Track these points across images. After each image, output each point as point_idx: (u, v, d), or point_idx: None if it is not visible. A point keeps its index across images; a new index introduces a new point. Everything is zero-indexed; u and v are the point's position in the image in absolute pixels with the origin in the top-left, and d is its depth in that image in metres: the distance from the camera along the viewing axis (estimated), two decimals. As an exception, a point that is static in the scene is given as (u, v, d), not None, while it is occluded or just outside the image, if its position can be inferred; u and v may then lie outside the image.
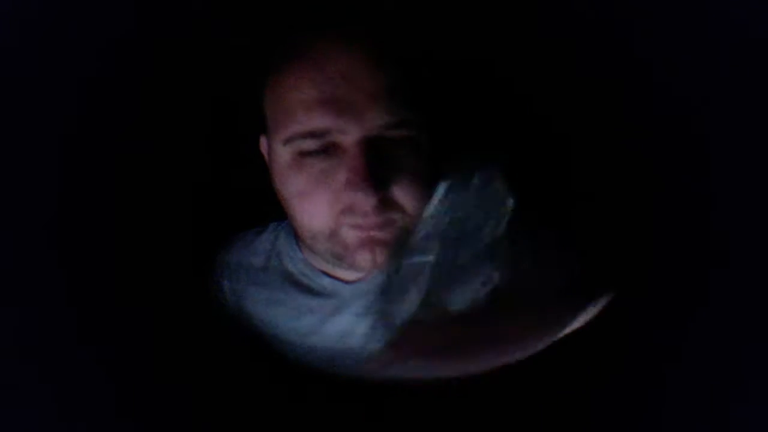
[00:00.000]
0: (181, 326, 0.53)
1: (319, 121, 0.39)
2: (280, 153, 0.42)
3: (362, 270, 0.45)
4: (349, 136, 0.39)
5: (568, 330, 0.53)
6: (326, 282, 0.51)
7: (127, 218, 0.54)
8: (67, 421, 0.44)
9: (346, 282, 0.50)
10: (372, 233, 0.41)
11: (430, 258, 0.38)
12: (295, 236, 0.53)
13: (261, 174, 0.49)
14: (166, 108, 0.58)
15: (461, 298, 0.36)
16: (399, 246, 0.44)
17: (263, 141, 0.49)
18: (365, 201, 0.39)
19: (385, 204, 0.40)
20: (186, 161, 0.61)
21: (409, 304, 0.37)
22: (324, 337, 0.51)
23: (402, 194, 0.41)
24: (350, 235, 0.42)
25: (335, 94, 0.38)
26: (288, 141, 0.41)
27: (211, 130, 0.63)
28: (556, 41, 0.57)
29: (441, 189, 0.40)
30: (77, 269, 0.49)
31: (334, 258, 0.44)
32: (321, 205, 0.41)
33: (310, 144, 0.40)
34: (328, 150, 0.40)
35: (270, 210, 0.57)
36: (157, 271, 0.54)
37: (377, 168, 0.39)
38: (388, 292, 0.39)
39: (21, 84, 0.49)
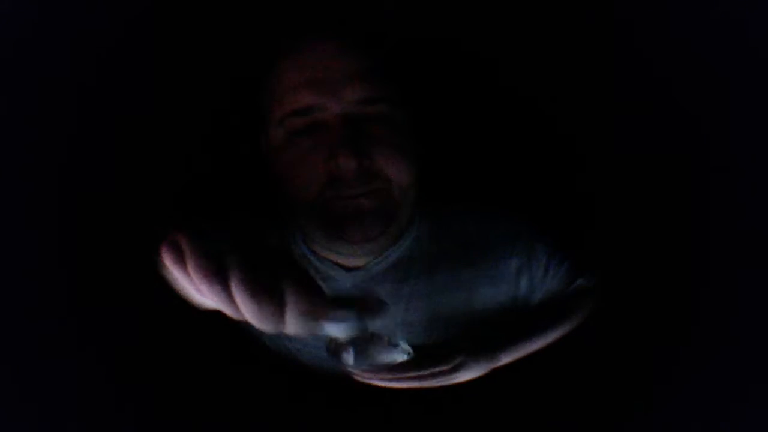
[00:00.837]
0: (178, 322, 0.53)
1: (303, 100, 0.44)
2: (275, 135, 0.47)
3: (352, 242, 0.46)
4: (330, 112, 0.44)
5: (562, 332, 0.54)
6: (327, 266, 0.52)
7: (124, 221, 0.54)
8: (67, 421, 0.44)
9: (346, 268, 0.52)
10: (358, 201, 0.44)
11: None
12: (295, 223, 0.55)
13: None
14: (170, 103, 0.58)
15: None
16: (388, 217, 0.46)
17: (263, 139, 0.52)
18: (347, 165, 0.43)
19: (369, 173, 0.44)
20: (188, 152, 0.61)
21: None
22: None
23: (384, 163, 0.45)
24: (338, 206, 0.45)
25: (316, 77, 0.44)
26: (280, 121, 0.46)
27: (213, 124, 0.63)
28: (548, 34, 0.57)
29: None
30: (73, 269, 0.49)
31: (327, 236, 0.47)
32: (308, 178, 0.45)
33: (298, 122, 0.45)
34: (314, 129, 0.45)
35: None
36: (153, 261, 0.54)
37: (356, 138, 0.43)
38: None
39: (22, 80, 0.49)
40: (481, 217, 0.55)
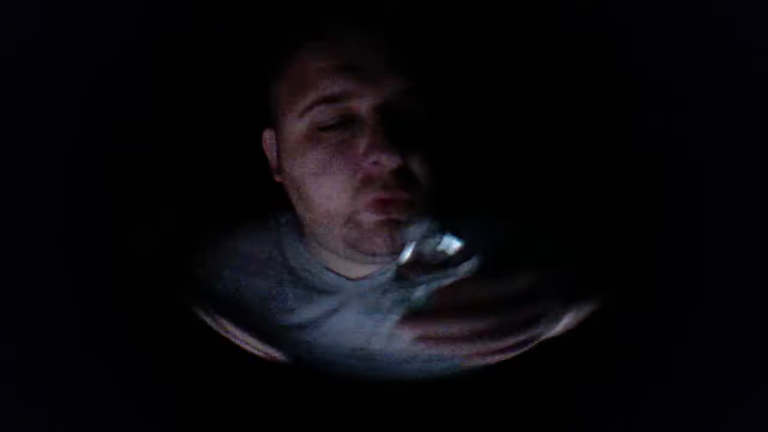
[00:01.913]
0: (177, 320, 0.53)
1: (338, 85, 0.40)
2: (295, 130, 0.42)
3: (376, 254, 0.42)
4: (366, 101, 0.40)
5: (562, 329, 0.53)
6: (330, 277, 0.50)
7: (129, 205, 0.54)
8: (67, 421, 0.44)
9: (350, 279, 0.50)
10: (391, 216, 0.40)
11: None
12: (300, 231, 0.53)
13: (263, 167, 0.50)
14: (169, 98, 0.58)
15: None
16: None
17: (266, 134, 0.49)
18: (388, 162, 0.38)
19: (404, 175, 0.40)
20: (190, 148, 0.61)
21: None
22: (326, 333, 0.51)
23: (418, 166, 0.41)
24: (369, 219, 0.40)
25: (353, 62, 0.40)
26: (306, 111, 0.41)
27: (215, 119, 0.62)
28: (557, 39, 0.57)
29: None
30: (73, 268, 0.49)
31: (347, 246, 0.43)
32: (339, 179, 0.40)
33: (327, 114, 0.40)
34: (345, 122, 0.40)
35: (273, 202, 0.56)
36: (154, 266, 0.54)
37: (397, 131, 0.39)
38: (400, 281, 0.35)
39: (23, 79, 0.49)
40: (487, 222, 0.53)
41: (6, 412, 0.43)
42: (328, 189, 0.41)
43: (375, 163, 0.39)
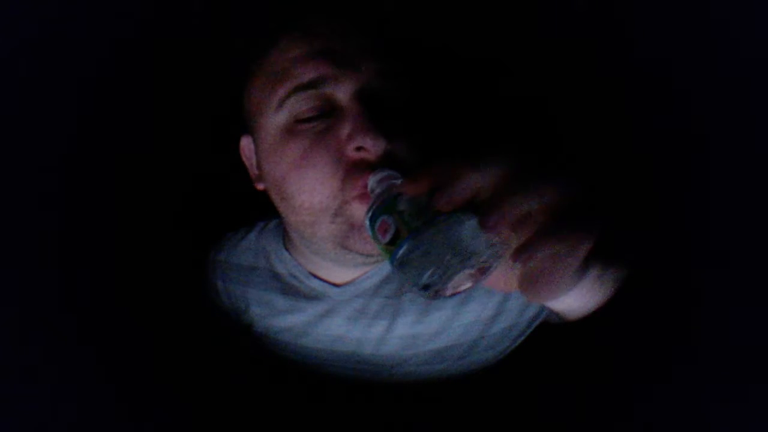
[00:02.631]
0: (178, 327, 0.53)
1: (313, 71, 0.38)
2: (273, 125, 0.40)
3: (368, 254, 0.39)
4: (345, 87, 0.38)
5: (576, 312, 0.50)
6: (315, 284, 0.50)
7: (123, 221, 0.55)
8: (67, 420, 0.45)
9: (335, 285, 0.49)
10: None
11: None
12: (283, 237, 0.53)
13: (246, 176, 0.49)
14: (158, 114, 0.58)
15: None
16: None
17: (243, 142, 0.47)
18: (373, 147, 0.35)
19: (392, 161, 0.36)
20: (177, 164, 0.61)
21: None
22: (316, 339, 0.50)
23: (406, 151, 0.37)
24: (360, 212, 0.37)
25: (329, 47, 0.38)
26: (283, 101, 0.39)
27: (199, 135, 0.63)
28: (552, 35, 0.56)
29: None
30: (73, 270, 0.49)
31: (336, 246, 0.40)
32: (322, 169, 0.37)
33: (305, 102, 0.38)
34: (325, 113, 0.38)
35: (256, 212, 0.57)
36: (153, 272, 0.54)
37: (380, 116, 0.36)
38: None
39: (23, 80, 0.49)
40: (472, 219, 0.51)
41: (6, 412, 0.43)
42: (312, 181, 0.38)
43: (360, 149, 0.36)
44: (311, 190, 0.38)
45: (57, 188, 0.51)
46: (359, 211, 0.37)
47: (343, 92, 0.38)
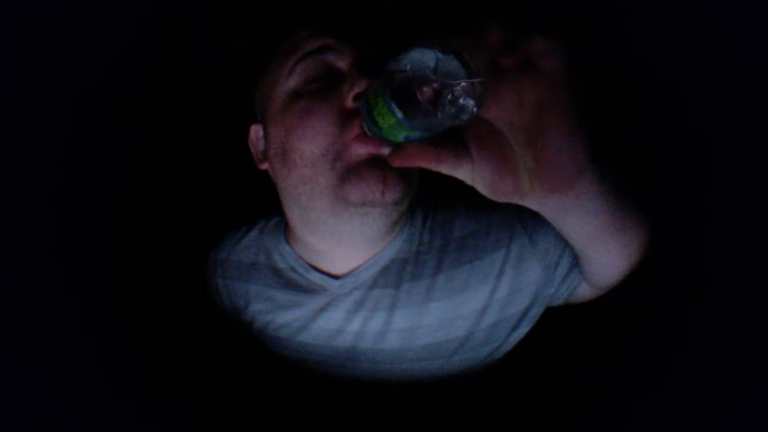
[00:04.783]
0: (177, 325, 0.53)
1: (319, 42, 0.44)
2: (284, 89, 0.45)
3: (366, 203, 0.41)
4: (346, 57, 0.44)
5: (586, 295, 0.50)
6: (315, 277, 0.51)
7: (124, 221, 0.55)
8: (67, 419, 0.45)
9: (335, 276, 0.50)
10: (379, 151, 0.40)
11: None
12: (285, 231, 0.54)
13: (248, 176, 0.50)
14: (159, 116, 0.59)
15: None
16: (407, 178, 0.42)
17: (253, 129, 0.51)
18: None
19: None
20: (177, 164, 0.62)
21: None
22: (315, 334, 0.51)
23: None
24: (358, 151, 0.40)
25: (332, 25, 0.45)
26: (293, 68, 0.44)
27: (202, 135, 0.63)
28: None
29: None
30: (74, 268, 0.50)
31: (333, 196, 0.42)
32: (323, 117, 0.41)
33: (312, 66, 0.44)
34: (327, 77, 0.43)
35: (257, 211, 0.58)
36: (154, 272, 0.54)
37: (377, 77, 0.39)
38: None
39: (25, 81, 0.49)
40: (472, 207, 0.52)
41: (8, 412, 0.44)
42: (313, 129, 0.41)
43: (358, 96, 0.40)
44: (313, 137, 0.42)
45: (57, 188, 0.51)
46: (357, 150, 0.40)
47: (343, 60, 0.44)
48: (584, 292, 0.50)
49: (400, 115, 0.29)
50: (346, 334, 0.50)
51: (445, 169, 0.31)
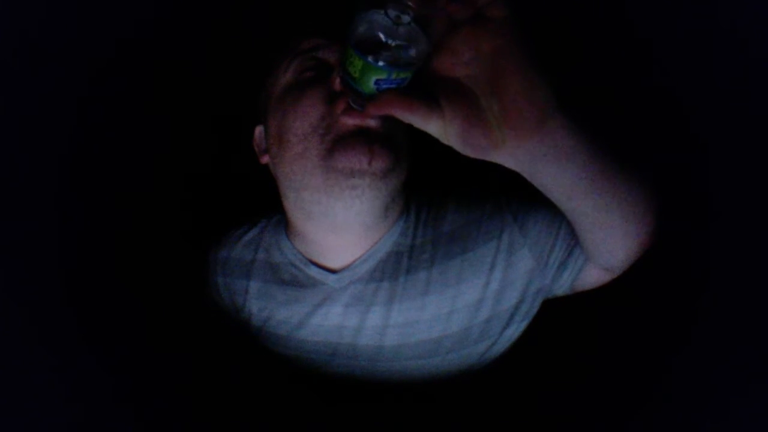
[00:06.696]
0: (178, 325, 0.53)
1: (313, 42, 0.48)
2: (282, 83, 0.49)
3: (355, 172, 0.43)
4: (335, 53, 0.47)
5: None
6: (314, 271, 0.51)
7: (123, 221, 0.55)
8: (68, 419, 0.45)
9: (332, 271, 0.51)
10: (367, 123, 0.43)
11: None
12: (285, 228, 0.54)
13: (248, 176, 0.50)
14: (160, 114, 0.59)
15: None
16: (395, 149, 0.44)
17: (257, 130, 0.54)
18: None
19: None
20: (177, 164, 0.62)
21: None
22: (313, 330, 0.51)
23: None
24: (346, 122, 0.43)
25: (324, 27, 0.49)
26: (290, 64, 0.49)
27: (203, 134, 0.63)
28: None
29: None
30: (74, 267, 0.50)
31: (327, 169, 0.44)
32: (313, 99, 0.45)
33: (307, 61, 0.48)
34: (320, 67, 0.47)
35: (257, 211, 0.59)
36: (154, 271, 0.54)
37: None
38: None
39: (27, 78, 0.49)
40: (464, 200, 0.53)
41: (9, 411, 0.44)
42: (304, 107, 0.45)
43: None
44: (304, 114, 0.45)
45: (58, 188, 0.51)
46: (345, 121, 0.43)
47: (333, 56, 0.47)
48: (592, 277, 0.49)
49: (367, 58, 0.33)
50: (344, 330, 0.50)
51: (418, 119, 0.33)
